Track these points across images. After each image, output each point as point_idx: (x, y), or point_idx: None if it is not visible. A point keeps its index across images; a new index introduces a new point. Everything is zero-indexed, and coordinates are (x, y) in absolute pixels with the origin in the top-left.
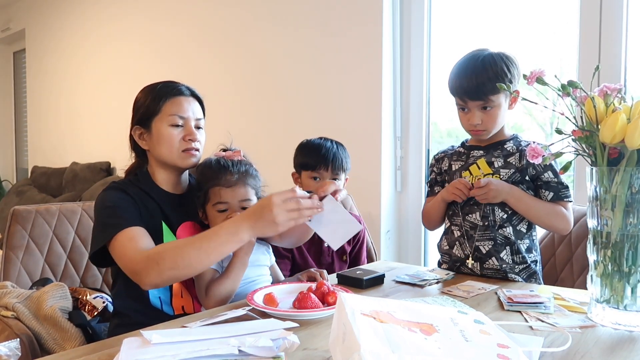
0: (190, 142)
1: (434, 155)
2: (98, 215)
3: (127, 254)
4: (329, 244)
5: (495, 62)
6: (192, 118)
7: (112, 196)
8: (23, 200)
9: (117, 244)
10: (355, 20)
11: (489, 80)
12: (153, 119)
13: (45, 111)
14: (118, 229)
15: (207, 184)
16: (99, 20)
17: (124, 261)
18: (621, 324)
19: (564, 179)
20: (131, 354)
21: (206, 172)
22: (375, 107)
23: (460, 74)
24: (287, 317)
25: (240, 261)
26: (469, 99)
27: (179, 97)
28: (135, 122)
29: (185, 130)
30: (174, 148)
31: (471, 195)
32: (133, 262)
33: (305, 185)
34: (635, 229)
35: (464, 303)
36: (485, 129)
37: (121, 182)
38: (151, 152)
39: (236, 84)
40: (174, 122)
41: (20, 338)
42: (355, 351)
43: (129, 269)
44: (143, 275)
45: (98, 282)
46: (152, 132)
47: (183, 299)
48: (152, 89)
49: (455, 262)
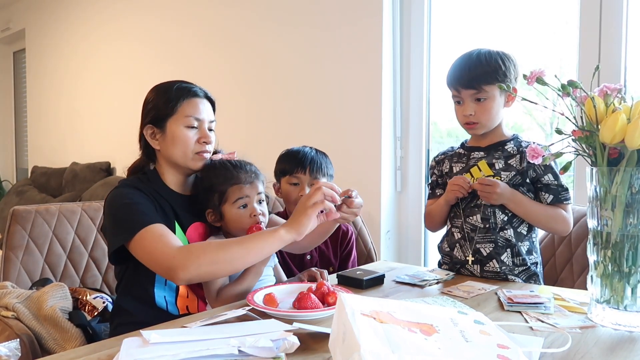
0: (205, 144)
1: (433, 157)
2: (115, 212)
3: (159, 249)
4: None
5: (491, 56)
6: (206, 120)
7: (128, 193)
8: (23, 200)
9: (143, 240)
10: (355, 20)
11: (483, 71)
12: (168, 120)
13: (45, 111)
14: (143, 225)
15: (224, 184)
16: (99, 20)
17: (156, 256)
18: (621, 325)
19: (563, 181)
20: (131, 353)
21: (221, 174)
22: (375, 107)
23: (456, 67)
24: (287, 317)
25: (255, 269)
26: (462, 87)
27: (195, 98)
28: (148, 121)
29: (200, 133)
30: (189, 150)
31: (475, 187)
32: (168, 256)
33: (285, 193)
34: (635, 229)
35: (464, 303)
36: (479, 121)
37: (133, 180)
38: (162, 152)
39: (236, 84)
40: (190, 123)
41: (21, 338)
42: (355, 351)
43: (163, 264)
44: (180, 270)
45: (98, 282)
46: (166, 133)
47: (188, 299)
48: (168, 88)
49: (455, 264)
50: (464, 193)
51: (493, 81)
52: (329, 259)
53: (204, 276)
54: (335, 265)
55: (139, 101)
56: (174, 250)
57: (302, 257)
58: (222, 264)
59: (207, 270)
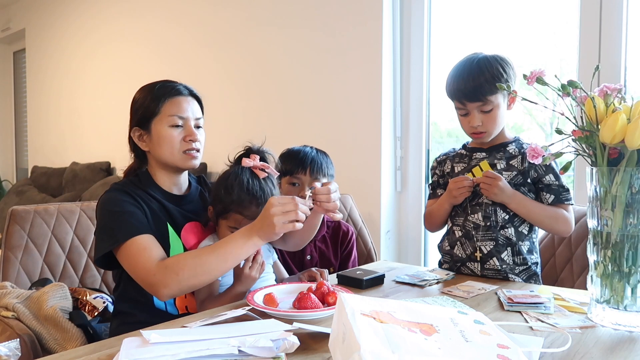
0: (191, 142)
1: (435, 158)
2: (102, 218)
3: (140, 264)
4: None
5: (491, 63)
6: (191, 118)
7: (117, 199)
8: (23, 200)
9: (127, 252)
10: (356, 21)
11: (486, 82)
12: (152, 120)
13: (45, 111)
14: (127, 237)
15: (231, 205)
16: (99, 20)
17: (137, 271)
18: (621, 325)
19: (565, 181)
20: (131, 353)
21: (234, 193)
22: (375, 107)
23: (457, 78)
24: (287, 317)
25: (237, 291)
26: (467, 101)
27: (178, 97)
28: (135, 123)
29: (186, 131)
30: (175, 149)
31: (477, 181)
32: (149, 273)
33: (285, 193)
34: (635, 229)
35: (464, 303)
36: (486, 130)
37: (123, 184)
38: (152, 153)
39: (236, 85)
40: (174, 122)
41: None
42: (355, 351)
43: (144, 280)
44: (161, 287)
45: (97, 282)
46: (151, 134)
47: (187, 300)
48: (150, 89)
49: (456, 262)
50: (470, 191)
51: (496, 90)
52: (329, 259)
53: (186, 290)
54: (335, 266)
55: None
56: (154, 267)
57: (302, 257)
58: (201, 276)
59: (188, 285)
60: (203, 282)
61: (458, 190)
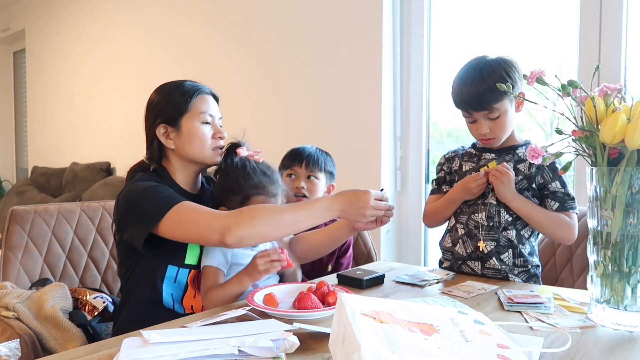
0: (220, 139)
1: (444, 155)
2: (138, 201)
3: (205, 214)
4: None
5: (494, 70)
6: (216, 116)
7: (147, 183)
8: (23, 200)
9: (180, 215)
10: (356, 21)
11: (490, 90)
12: (182, 117)
13: (46, 111)
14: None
15: (252, 189)
16: (100, 21)
17: (201, 224)
18: (621, 324)
19: (571, 190)
20: (131, 353)
21: (250, 178)
22: (375, 107)
23: (461, 87)
24: (287, 317)
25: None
26: (473, 110)
27: (205, 95)
28: (162, 120)
29: (214, 128)
30: (206, 146)
31: (489, 171)
32: (219, 218)
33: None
34: (635, 229)
35: (464, 303)
36: (495, 136)
37: (147, 176)
38: (178, 150)
39: (235, 84)
40: (205, 119)
41: (23, 338)
42: (355, 351)
43: (213, 226)
44: (233, 227)
45: (97, 282)
46: (181, 130)
47: (195, 299)
48: (178, 86)
49: (457, 260)
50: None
51: (502, 97)
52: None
53: (256, 237)
54: (332, 262)
55: (139, 101)
56: (222, 213)
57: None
58: (274, 228)
59: (259, 232)
60: (273, 235)
61: (476, 182)
